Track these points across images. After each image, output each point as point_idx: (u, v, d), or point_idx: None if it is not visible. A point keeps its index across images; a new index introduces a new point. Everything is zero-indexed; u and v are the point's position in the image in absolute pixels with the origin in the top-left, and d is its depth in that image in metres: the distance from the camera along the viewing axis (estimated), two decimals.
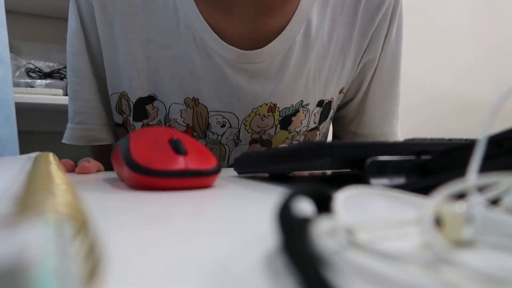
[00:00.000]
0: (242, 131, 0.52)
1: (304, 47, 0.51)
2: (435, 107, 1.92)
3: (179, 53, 0.49)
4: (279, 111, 0.52)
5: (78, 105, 0.54)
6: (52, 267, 0.07)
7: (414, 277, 0.11)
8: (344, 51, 0.54)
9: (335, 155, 0.26)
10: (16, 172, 0.24)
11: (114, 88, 0.52)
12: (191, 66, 0.49)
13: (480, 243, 0.13)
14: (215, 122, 0.51)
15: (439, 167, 0.25)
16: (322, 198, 0.14)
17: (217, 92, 0.50)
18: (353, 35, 0.54)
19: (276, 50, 0.49)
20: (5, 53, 0.79)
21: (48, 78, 1.35)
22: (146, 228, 0.16)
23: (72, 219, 0.10)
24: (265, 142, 0.54)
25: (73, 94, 0.54)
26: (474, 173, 0.13)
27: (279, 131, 0.53)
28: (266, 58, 0.49)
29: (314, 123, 0.56)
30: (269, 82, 0.50)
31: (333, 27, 0.52)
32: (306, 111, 0.54)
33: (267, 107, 0.51)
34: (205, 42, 0.48)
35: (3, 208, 0.12)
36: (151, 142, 0.30)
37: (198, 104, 0.50)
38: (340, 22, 0.53)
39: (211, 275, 0.11)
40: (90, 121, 0.54)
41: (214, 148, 0.54)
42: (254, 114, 0.51)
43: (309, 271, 0.09)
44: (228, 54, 0.48)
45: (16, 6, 1.34)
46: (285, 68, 0.50)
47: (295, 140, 0.55)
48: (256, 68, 0.50)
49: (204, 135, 0.52)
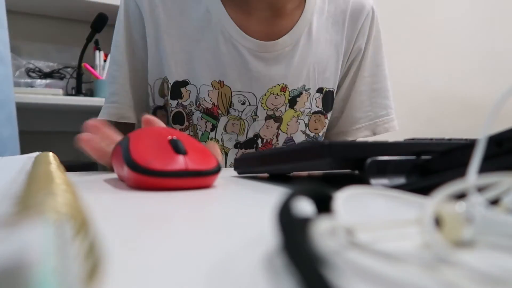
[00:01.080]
0: (259, 108, 0.64)
1: (307, 42, 0.65)
2: (435, 108, 1.92)
3: (209, 45, 0.62)
4: (288, 91, 0.65)
5: (114, 87, 0.65)
6: (52, 267, 0.07)
7: (414, 277, 0.11)
8: (337, 51, 0.69)
9: (335, 155, 0.26)
10: (16, 172, 0.24)
11: (157, 74, 0.64)
12: (218, 55, 0.62)
13: (480, 243, 0.13)
14: (237, 100, 0.64)
15: (439, 167, 0.25)
16: (322, 198, 0.14)
17: (239, 75, 0.63)
18: (343, 39, 0.69)
19: (287, 42, 0.64)
20: (6, 53, 0.79)
21: (48, 78, 1.35)
22: (146, 228, 0.16)
23: (72, 219, 0.10)
24: (277, 119, 0.66)
25: (111, 79, 0.65)
26: (474, 173, 0.13)
27: (288, 109, 0.66)
28: (279, 48, 0.64)
29: (317, 107, 0.68)
30: (281, 67, 0.64)
31: (326, 33, 0.68)
32: (308, 95, 0.67)
33: (280, 87, 0.65)
34: (231, 36, 0.62)
35: (3, 208, 0.12)
36: (151, 142, 0.30)
37: (223, 85, 0.63)
38: (333, 30, 0.68)
39: (211, 274, 0.11)
40: (121, 101, 0.64)
41: (235, 123, 0.65)
42: (269, 94, 0.64)
43: (309, 271, 0.09)
44: (249, 45, 0.62)
45: (16, 6, 1.34)
46: (293, 56, 0.65)
47: (301, 119, 0.67)
48: (270, 56, 0.64)
49: (227, 112, 0.64)
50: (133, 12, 0.64)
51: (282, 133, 0.66)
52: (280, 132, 0.65)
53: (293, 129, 0.66)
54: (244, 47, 0.62)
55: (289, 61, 0.64)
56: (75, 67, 1.38)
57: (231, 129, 0.64)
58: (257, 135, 0.65)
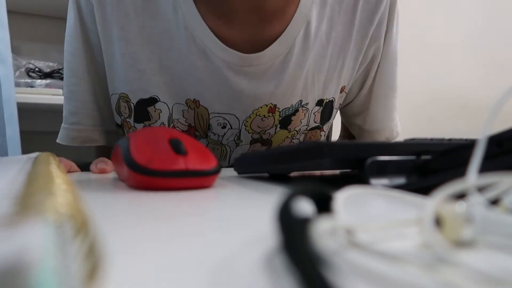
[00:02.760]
0: (242, 132, 0.53)
1: (303, 48, 0.51)
2: (435, 108, 1.92)
3: (180, 55, 0.48)
4: (279, 112, 0.53)
5: (74, 105, 0.54)
6: (52, 267, 0.07)
7: (414, 277, 0.11)
8: (344, 50, 0.54)
9: (335, 155, 0.26)
10: (16, 172, 0.24)
11: (114, 89, 0.52)
12: (192, 69, 0.49)
13: (480, 243, 0.13)
14: (216, 123, 0.52)
15: (439, 167, 0.25)
16: (322, 198, 0.14)
17: (218, 94, 0.50)
18: (352, 34, 0.54)
19: (277, 52, 0.50)
20: (7, 53, 0.79)
21: (48, 78, 1.35)
22: (146, 228, 0.16)
23: (72, 219, 0.10)
24: (266, 142, 0.54)
25: (69, 95, 0.54)
26: (474, 173, 0.13)
27: (279, 130, 0.54)
28: (267, 61, 0.50)
29: (315, 122, 0.57)
30: (269, 83, 0.51)
31: (331, 27, 0.53)
32: (306, 110, 0.55)
33: (267, 108, 0.52)
34: (204, 45, 0.48)
35: (3, 208, 0.12)
36: (151, 142, 0.30)
37: (199, 106, 0.51)
38: (339, 22, 0.53)
39: (211, 274, 0.11)
40: (84, 122, 0.54)
41: (215, 148, 0.54)
42: (254, 115, 0.52)
43: (309, 271, 0.09)
44: (228, 57, 0.48)
45: (16, 6, 1.34)
46: (285, 69, 0.51)
47: (295, 138, 0.56)
48: (256, 70, 0.50)
49: (206, 135, 0.53)
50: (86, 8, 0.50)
51: None
52: None
53: None
54: (221, 60, 0.48)
55: (279, 76, 0.51)
56: None
57: None
58: None
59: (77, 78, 0.53)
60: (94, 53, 0.52)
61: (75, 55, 0.52)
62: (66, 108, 0.55)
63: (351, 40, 0.54)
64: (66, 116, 0.55)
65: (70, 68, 0.53)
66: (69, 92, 0.54)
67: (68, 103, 0.54)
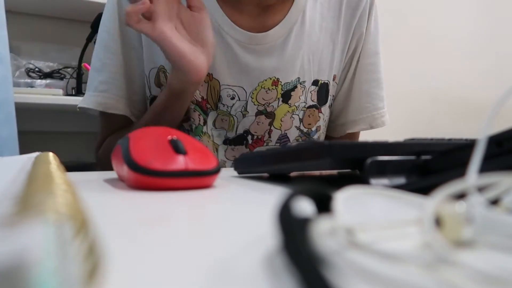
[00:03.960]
0: (249, 103, 0.61)
1: (300, 32, 0.62)
2: (435, 108, 1.92)
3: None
4: (281, 85, 0.62)
5: (105, 76, 0.61)
6: (52, 267, 0.07)
7: (414, 277, 0.11)
8: (333, 39, 0.65)
9: (335, 155, 0.26)
10: (16, 172, 0.24)
11: (152, 64, 0.60)
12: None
13: (480, 243, 0.13)
14: (226, 95, 0.61)
15: (439, 167, 0.25)
16: (322, 198, 0.14)
17: (228, 68, 0.60)
18: (340, 27, 0.65)
19: (278, 33, 0.61)
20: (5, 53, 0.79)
21: (48, 78, 1.35)
22: (146, 228, 0.16)
23: (72, 219, 0.10)
24: (269, 114, 0.63)
25: (101, 66, 0.61)
26: (474, 173, 0.13)
27: (281, 104, 0.63)
28: (270, 40, 0.61)
29: (312, 101, 0.65)
30: (272, 59, 0.61)
31: (322, 19, 0.64)
32: (303, 88, 0.64)
33: (271, 81, 0.62)
34: (219, 26, 0.59)
35: (3, 208, 0.12)
36: (151, 142, 0.30)
37: (212, 78, 0.60)
38: (328, 16, 0.65)
39: (211, 274, 0.11)
40: (113, 91, 0.61)
41: (224, 119, 0.62)
42: (260, 88, 0.61)
43: (309, 271, 0.09)
44: (239, 36, 0.60)
45: (16, 6, 1.34)
46: (285, 48, 0.62)
47: (295, 114, 0.64)
48: (261, 48, 0.61)
49: (216, 107, 0.61)
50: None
51: (275, 129, 0.63)
52: (273, 128, 0.63)
53: (287, 125, 0.63)
54: (233, 39, 0.60)
55: (281, 53, 0.61)
56: (75, 67, 1.38)
57: (220, 125, 0.61)
58: (247, 131, 0.62)
59: (111, 53, 0.61)
60: (127, 35, 0.61)
61: (110, 33, 0.61)
62: (95, 78, 0.62)
63: (339, 32, 0.65)
64: (95, 85, 0.61)
65: (104, 44, 0.61)
66: (101, 64, 0.61)
67: (99, 74, 0.61)
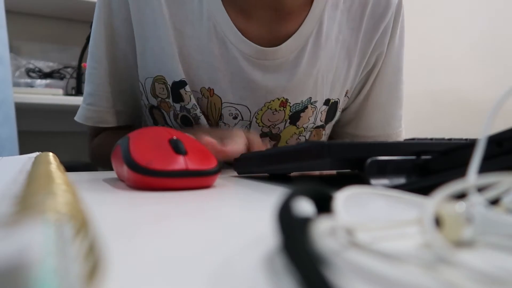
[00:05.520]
0: (253, 124, 0.55)
1: (315, 46, 0.54)
2: (435, 107, 1.92)
3: (200, 43, 0.52)
4: (289, 106, 0.55)
5: (91, 87, 0.57)
6: (52, 267, 0.07)
7: (414, 277, 0.11)
8: (349, 54, 0.57)
9: (335, 155, 0.26)
10: (16, 172, 0.24)
11: (146, 73, 0.54)
12: (210, 57, 0.52)
13: (480, 243, 0.13)
14: (228, 113, 0.54)
15: (439, 167, 0.25)
16: (322, 198, 0.14)
17: (232, 84, 0.53)
18: (358, 40, 0.57)
19: (291, 48, 0.53)
20: (5, 53, 0.79)
21: (48, 78, 1.35)
22: (146, 228, 0.16)
23: (72, 219, 0.10)
24: (274, 136, 0.57)
25: (88, 77, 0.58)
26: (474, 173, 0.13)
27: (288, 126, 0.56)
28: (281, 56, 0.53)
29: (321, 121, 0.59)
30: (282, 77, 0.54)
31: (340, 31, 0.56)
32: (314, 108, 0.57)
33: (279, 101, 0.54)
34: (224, 35, 0.51)
35: (3, 208, 0.12)
36: (151, 142, 0.30)
37: (213, 94, 0.53)
38: (347, 27, 0.56)
39: (211, 274, 0.11)
40: (98, 103, 0.57)
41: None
42: (266, 108, 0.54)
43: (309, 271, 0.09)
44: (246, 49, 0.52)
45: (16, 6, 1.34)
46: (297, 65, 0.54)
47: (302, 135, 0.58)
48: (271, 64, 0.53)
49: (217, 125, 0.55)
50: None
51: None
52: None
53: None
54: (239, 51, 0.52)
55: (292, 70, 0.53)
56: (75, 67, 1.38)
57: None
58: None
59: (95, 62, 0.56)
60: (115, 37, 0.55)
61: (95, 40, 0.56)
62: (85, 89, 0.59)
63: (357, 46, 0.57)
64: (84, 97, 0.58)
65: (91, 51, 0.57)
66: (89, 74, 0.58)
67: (87, 85, 0.58)
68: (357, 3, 0.56)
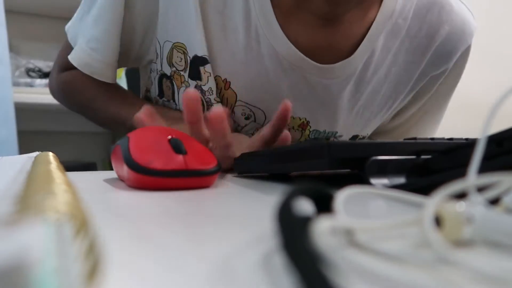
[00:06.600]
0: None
1: (358, 79, 0.47)
2: None
3: (230, 24, 0.44)
4: (309, 131, 0.49)
5: (99, 30, 0.48)
6: (53, 267, 0.07)
7: (414, 277, 0.11)
8: (397, 91, 0.50)
9: (335, 155, 0.26)
10: (16, 172, 0.24)
11: (167, 36, 0.47)
12: (235, 45, 0.45)
13: (480, 243, 0.13)
14: (241, 112, 0.48)
15: (439, 167, 0.25)
16: (322, 198, 0.14)
17: (253, 82, 0.46)
18: (413, 76, 0.50)
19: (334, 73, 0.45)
20: (4, 53, 0.79)
21: (48, 78, 1.35)
22: (146, 228, 0.16)
23: (72, 219, 0.10)
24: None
25: (98, 18, 0.48)
26: (474, 173, 0.13)
27: None
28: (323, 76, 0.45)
29: None
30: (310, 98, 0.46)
31: (394, 63, 0.48)
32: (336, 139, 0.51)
33: (300, 122, 0.48)
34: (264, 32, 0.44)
35: (3, 208, 0.12)
36: (151, 142, 0.30)
37: (228, 88, 0.46)
38: (405, 59, 0.48)
39: (211, 274, 0.11)
40: (104, 53, 0.49)
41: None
42: None
43: (309, 271, 0.09)
44: (282, 50, 0.44)
45: (15, 5, 1.34)
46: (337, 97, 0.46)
47: None
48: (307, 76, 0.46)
49: None
50: None
51: None
52: None
53: None
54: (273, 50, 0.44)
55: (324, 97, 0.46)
56: None
57: None
58: None
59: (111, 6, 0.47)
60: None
61: None
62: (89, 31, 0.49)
63: (410, 82, 0.50)
64: (89, 39, 0.49)
65: None
66: (99, 16, 0.48)
67: (95, 26, 0.48)
68: (423, 33, 0.47)
